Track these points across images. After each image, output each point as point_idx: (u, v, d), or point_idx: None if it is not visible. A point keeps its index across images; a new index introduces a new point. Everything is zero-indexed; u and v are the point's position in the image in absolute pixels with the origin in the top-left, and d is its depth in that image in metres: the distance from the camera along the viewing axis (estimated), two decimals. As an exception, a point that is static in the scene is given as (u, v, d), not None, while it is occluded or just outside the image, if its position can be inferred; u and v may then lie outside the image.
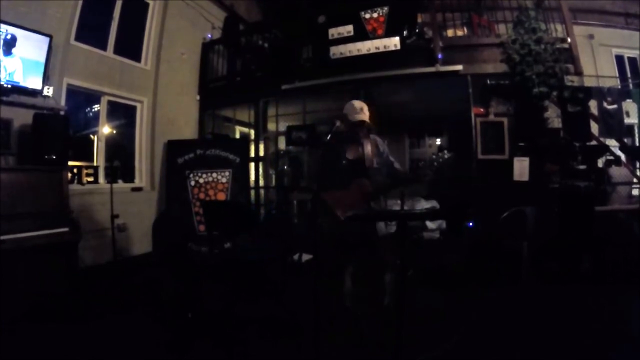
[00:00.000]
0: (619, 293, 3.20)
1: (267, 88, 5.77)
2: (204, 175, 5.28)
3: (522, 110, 4.60)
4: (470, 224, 4.20)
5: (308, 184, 6.10)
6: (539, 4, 4.74)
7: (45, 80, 3.85)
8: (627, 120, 5.04)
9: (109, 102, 5.02)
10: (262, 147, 6.07)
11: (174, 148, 5.41)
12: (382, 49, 4.91)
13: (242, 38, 6.38)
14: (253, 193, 5.97)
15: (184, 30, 5.92)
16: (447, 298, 3.26)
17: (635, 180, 4.67)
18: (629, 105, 5.11)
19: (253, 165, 6.13)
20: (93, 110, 5.06)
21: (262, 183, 6.15)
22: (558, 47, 4.57)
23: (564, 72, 4.54)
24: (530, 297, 3.23)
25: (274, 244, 3.66)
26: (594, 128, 4.82)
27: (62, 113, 4.05)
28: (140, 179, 5.42)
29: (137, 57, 5.36)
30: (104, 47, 4.87)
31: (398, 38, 4.84)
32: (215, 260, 3.91)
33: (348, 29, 5.07)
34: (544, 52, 4.44)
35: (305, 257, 3.89)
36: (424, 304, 2.89)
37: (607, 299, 3.05)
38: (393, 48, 4.86)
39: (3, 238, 2.84)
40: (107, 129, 5.03)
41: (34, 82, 3.76)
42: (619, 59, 6.24)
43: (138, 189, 5.29)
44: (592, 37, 5.97)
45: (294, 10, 5.80)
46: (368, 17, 4.99)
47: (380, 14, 4.94)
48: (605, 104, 4.82)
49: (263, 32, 6.29)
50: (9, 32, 3.50)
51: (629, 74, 6.14)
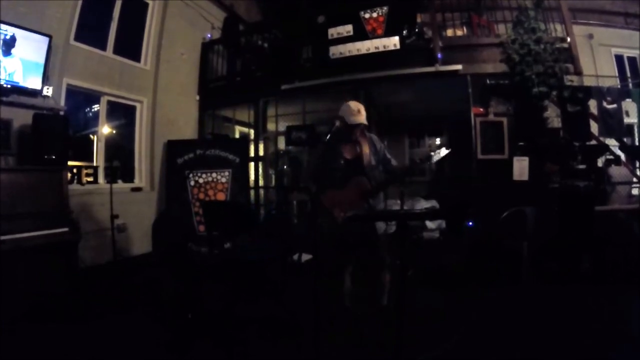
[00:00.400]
0: (619, 293, 3.19)
1: (266, 88, 5.77)
2: (204, 176, 5.28)
3: (521, 110, 4.60)
4: (470, 224, 4.20)
5: (306, 184, 6.10)
6: (539, 4, 4.73)
7: (45, 81, 3.85)
8: (626, 120, 5.04)
9: (109, 102, 5.02)
10: (261, 147, 6.07)
11: (174, 148, 5.41)
12: (381, 49, 4.91)
13: (242, 38, 6.38)
14: (253, 193, 5.97)
15: (184, 31, 5.92)
16: (447, 298, 3.26)
17: (635, 180, 4.67)
18: (629, 105, 5.11)
19: (253, 166, 6.14)
20: (93, 111, 5.06)
21: (261, 183, 6.16)
22: (558, 47, 4.57)
23: (564, 71, 4.54)
24: (530, 297, 3.22)
25: (274, 244, 3.66)
26: (594, 128, 4.82)
27: (61, 113, 4.04)
28: (140, 179, 5.42)
29: (136, 57, 5.36)
30: (104, 47, 4.86)
31: (398, 38, 4.84)
32: (215, 261, 3.90)
33: (348, 29, 5.07)
34: (544, 52, 4.44)
35: (305, 257, 3.89)
36: (424, 304, 2.89)
37: (607, 299, 3.05)
38: (393, 48, 4.86)
39: (3, 238, 2.84)
40: (106, 129, 5.03)
41: (34, 82, 3.75)
42: (619, 59, 6.25)
43: (138, 189, 5.28)
44: (591, 36, 5.97)
45: (294, 10, 5.80)
46: (368, 17, 4.99)
47: (380, 14, 4.95)
48: (605, 104, 4.83)
49: (263, 32, 6.28)
50: (9, 32, 3.49)
51: (629, 74, 6.15)
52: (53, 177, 3.44)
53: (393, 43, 4.86)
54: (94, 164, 4.78)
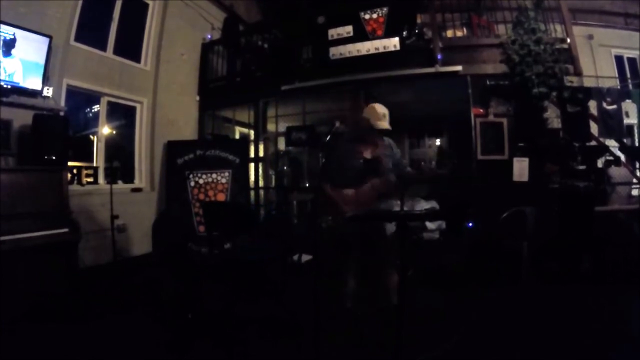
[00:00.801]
0: (619, 293, 3.20)
1: (266, 88, 5.77)
2: (204, 176, 5.28)
3: (521, 111, 4.60)
4: (470, 224, 4.19)
5: (310, 184, 6.11)
6: (539, 5, 4.74)
7: (45, 81, 3.85)
8: (626, 121, 5.05)
9: (109, 102, 5.02)
10: (261, 147, 6.07)
11: (174, 148, 5.41)
12: (381, 50, 4.91)
13: (241, 38, 6.38)
14: (253, 193, 5.97)
15: (184, 31, 5.93)
16: (447, 298, 3.26)
17: (635, 181, 4.68)
18: (629, 106, 5.12)
19: (253, 166, 6.13)
20: (93, 111, 5.06)
21: (261, 183, 6.16)
22: (557, 47, 4.57)
23: (564, 72, 4.54)
24: (530, 297, 3.22)
25: (274, 244, 3.66)
26: (594, 128, 4.83)
27: (61, 114, 4.04)
28: (140, 180, 5.42)
29: (136, 57, 5.36)
30: (104, 47, 4.87)
31: (398, 39, 4.84)
32: (215, 261, 3.90)
33: (348, 30, 5.07)
34: (544, 52, 4.44)
35: (305, 257, 3.89)
36: (424, 304, 2.89)
37: (607, 299, 3.05)
38: (393, 49, 4.87)
39: (3, 238, 2.84)
40: (106, 130, 5.03)
41: (34, 82, 3.75)
42: (619, 60, 6.24)
43: (138, 190, 5.29)
44: (591, 37, 5.97)
45: (294, 11, 5.80)
46: (368, 17, 5.00)
47: (380, 15, 4.95)
48: (605, 105, 4.83)
49: (263, 32, 6.29)
50: (9, 32, 3.50)
51: (629, 75, 6.15)
52: (53, 177, 3.44)
53: (393, 44, 4.86)
54: (94, 165, 4.78)
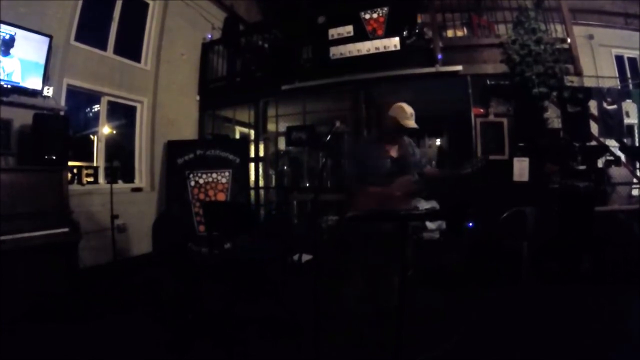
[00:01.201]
0: (619, 293, 3.20)
1: (267, 88, 5.77)
2: (204, 176, 5.28)
3: (522, 111, 4.60)
4: (470, 224, 4.19)
5: (310, 184, 6.10)
6: (539, 5, 4.74)
7: (45, 81, 3.84)
8: (626, 121, 5.04)
9: (109, 102, 5.02)
10: (262, 147, 6.07)
11: (174, 148, 5.41)
12: (382, 50, 4.91)
13: (242, 38, 6.39)
14: (253, 193, 5.97)
15: (184, 31, 5.92)
16: (447, 298, 3.26)
17: (635, 181, 4.67)
18: (629, 106, 5.12)
19: (253, 166, 6.13)
20: (93, 111, 5.06)
21: (262, 183, 6.15)
22: (558, 47, 4.57)
23: (564, 72, 4.54)
24: (530, 297, 3.23)
25: (274, 244, 3.66)
26: (594, 128, 4.82)
27: (62, 113, 4.04)
28: (140, 180, 5.42)
29: (137, 57, 5.36)
30: (104, 47, 4.86)
31: (398, 38, 4.84)
32: (215, 261, 3.90)
33: (348, 30, 5.07)
34: (544, 52, 4.44)
35: (305, 257, 3.89)
36: (424, 304, 2.89)
37: (607, 299, 3.05)
38: (393, 48, 4.87)
39: (3, 238, 2.84)
40: (107, 130, 5.03)
41: (34, 82, 3.75)
42: (619, 59, 6.24)
43: (138, 190, 5.28)
44: (591, 37, 5.97)
45: (294, 11, 5.80)
46: (368, 17, 5.00)
47: (380, 15, 4.95)
48: (605, 105, 4.83)
49: (263, 32, 6.29)
50: (7, 32, 3.49)
51: (629, 74, 6.14)
52: (53, 177, 3.44)
53: (393, 44, 4.86)
54: (94, 164, 4.78)
